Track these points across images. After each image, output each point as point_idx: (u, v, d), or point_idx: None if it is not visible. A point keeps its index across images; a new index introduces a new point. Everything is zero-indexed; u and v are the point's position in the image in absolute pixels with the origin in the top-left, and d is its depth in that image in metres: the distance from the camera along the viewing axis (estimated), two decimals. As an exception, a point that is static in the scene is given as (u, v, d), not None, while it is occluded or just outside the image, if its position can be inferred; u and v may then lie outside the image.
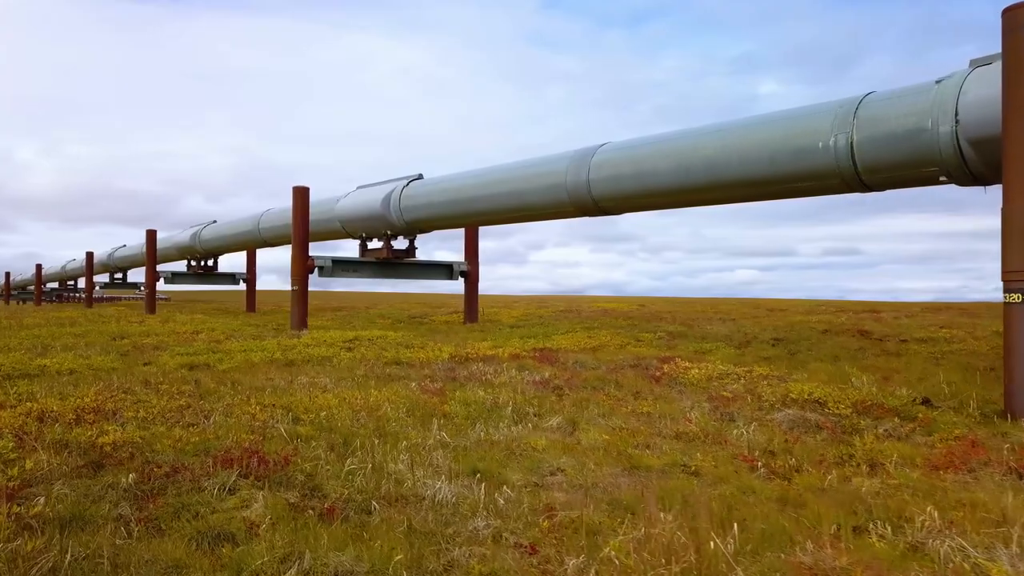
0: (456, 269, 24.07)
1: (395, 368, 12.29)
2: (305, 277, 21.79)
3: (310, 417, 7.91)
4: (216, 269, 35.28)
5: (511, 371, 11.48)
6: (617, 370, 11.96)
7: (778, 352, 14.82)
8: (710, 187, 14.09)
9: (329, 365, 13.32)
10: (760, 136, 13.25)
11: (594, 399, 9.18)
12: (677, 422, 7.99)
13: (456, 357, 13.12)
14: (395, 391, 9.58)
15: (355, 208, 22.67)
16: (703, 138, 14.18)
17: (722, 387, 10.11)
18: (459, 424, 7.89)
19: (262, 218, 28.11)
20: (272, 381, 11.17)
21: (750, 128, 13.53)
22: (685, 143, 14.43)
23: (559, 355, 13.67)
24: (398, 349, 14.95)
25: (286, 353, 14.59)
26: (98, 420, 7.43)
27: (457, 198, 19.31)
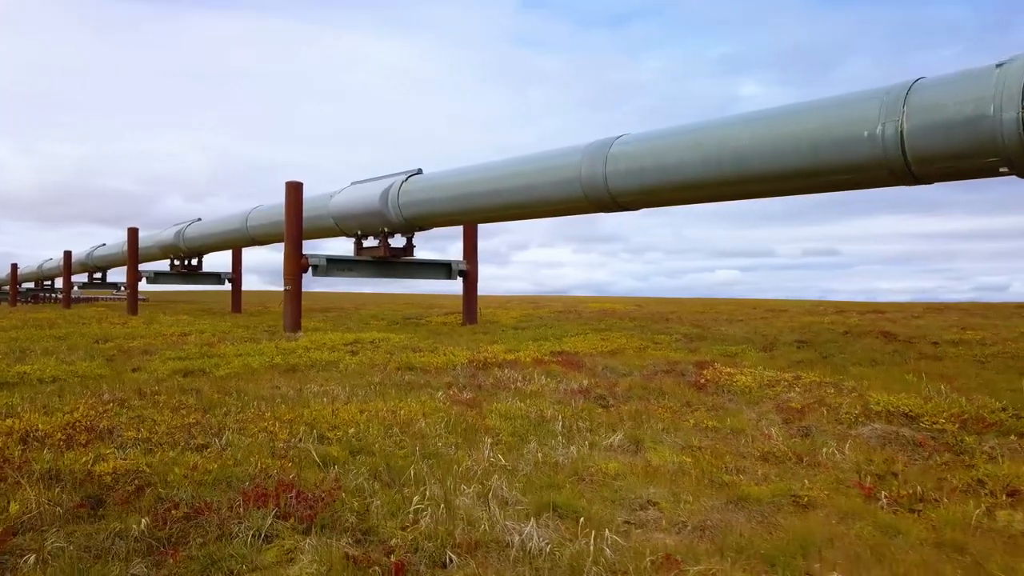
0: (455, 268, 22.99)
1: (410, 374, 11.23)
2: (299, 276, 20.63)
3: (337, 435, 6.84)
4: (200, 268, 33.93)
5: (540, 378, 10.46)
6: (653, 376, 10.98)
7: (809, 355, 13.91)
8: (740, 180, 13.13)
9: (336, 371, 12.22)
10: (797, 126, 12.32)
11: (647, 411, 8.18)
12: (754, 439, 7.00)
13: (474, 362, 12.07)
14: (422, 402, 8.52)
15: (351, 204, 21.54)
16: (733, 128, 13.22)
17: (778, 396, 9.15)
18: (508, 442, 6.86)
19: (250, 215, 26.86)
20: (279, 390, 10.07)
21: (786, 117, 12.59)
22: (713, 134, 13.47)
23: (582, 359, 12.66)
24: (406, 353, 13.87)
25: (286, 357, 13.47)
26: (92, 441, 6.32)
27: (461, 193, 18.23)
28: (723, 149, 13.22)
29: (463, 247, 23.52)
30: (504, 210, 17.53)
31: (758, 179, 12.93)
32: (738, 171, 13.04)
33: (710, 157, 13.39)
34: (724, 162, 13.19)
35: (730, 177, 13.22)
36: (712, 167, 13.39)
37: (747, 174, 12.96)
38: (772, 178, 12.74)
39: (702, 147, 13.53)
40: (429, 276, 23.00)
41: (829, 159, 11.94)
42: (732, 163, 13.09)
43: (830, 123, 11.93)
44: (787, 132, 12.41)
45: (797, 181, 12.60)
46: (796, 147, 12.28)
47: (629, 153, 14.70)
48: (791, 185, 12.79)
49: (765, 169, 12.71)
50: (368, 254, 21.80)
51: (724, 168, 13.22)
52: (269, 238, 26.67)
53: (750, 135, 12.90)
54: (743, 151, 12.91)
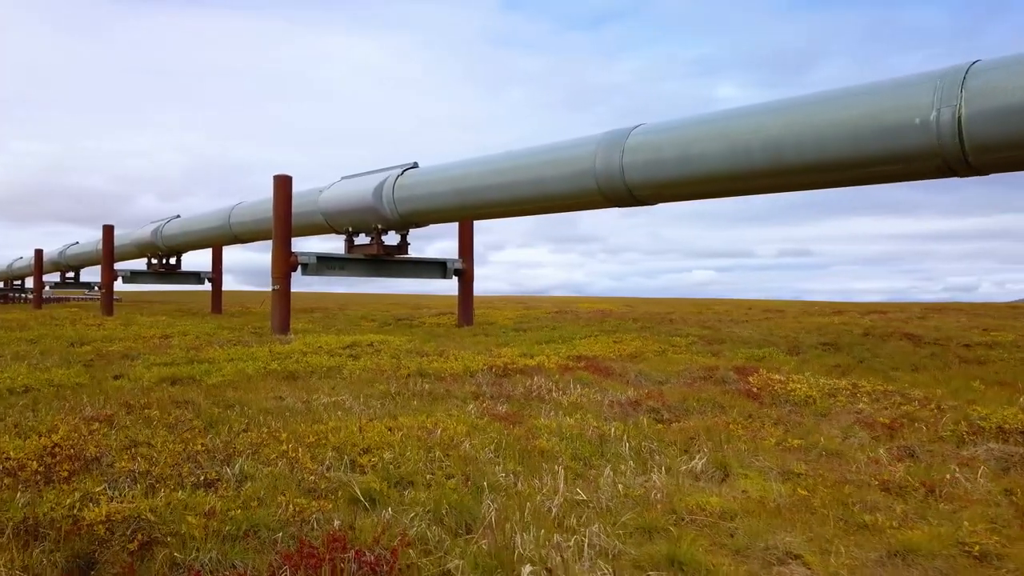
0: (450, 267, 21.81)
1: (426, 382, 10.07)
2: (288, 275, 19.35)
3: (371, 461, 5.69)
4: (179, 268, 32.38)
5: (575, 387, 9.35)
6: (693, 384, 9.93)
7: (843, 360, 12.94)
8: (773, 172, 12.11)
9: (340, 378, 11.04)
10: (838, 112, 11.32)
11: (714, 427, 7.10)
12: (860, 462, 5.95)
13: (493, 368, 10.94)
14: (453, 416, 7.38)
15: (342, 200, 20.28)
16: (765, 116, 12.20)
17: (847, 407, 8.12)
18: (571, 467, 5.75)
19: (233, 211, 25.45)
20: (284, 401, 8.88)
21: (825, 103, 11.58)
22: (742, 122, 12.44)
23: (609, 365, 11.58)
24: (414, 358, 12.70)
25: (283, 363, 12.25)
26: (77, 473, 5.11)
27: (462, 187, 17.05)
28: (754, 138, 12.20)
29: (458, 245, 22.34)
30: (510, 205, 16.39)
31: (793, 171, 11.92)
32: (770, 162, 12.03)
33: (739, 147, 12.36)
34: (754, 153, 12.17)
35: (761, 169, 12.19)
36: (741, 158, 12.36)
37: (781, 166, 11.94)
38: (809, 169, 11.73)
39: (730, 136, 12.49)
40: (423, 275, 21.81)
41: (874, 149, 10.96)
42: (764, 154, 12.07)
43: (876, 109, 10.94)
44: (827, 120, 11.41)
45: (836, 173, 11.61)
46: (837, 136, 11.29)
47: (649, 143, 13.63)
48: (830, 177, 11.80)
49: (801, 160, 11.69)
50: (360, 252, 20.55)
51: (754, 159, 12.20)
52: (254, 235, 25.31)
53: (784, 123, 11.89)
54: (777, 140, 11.89)
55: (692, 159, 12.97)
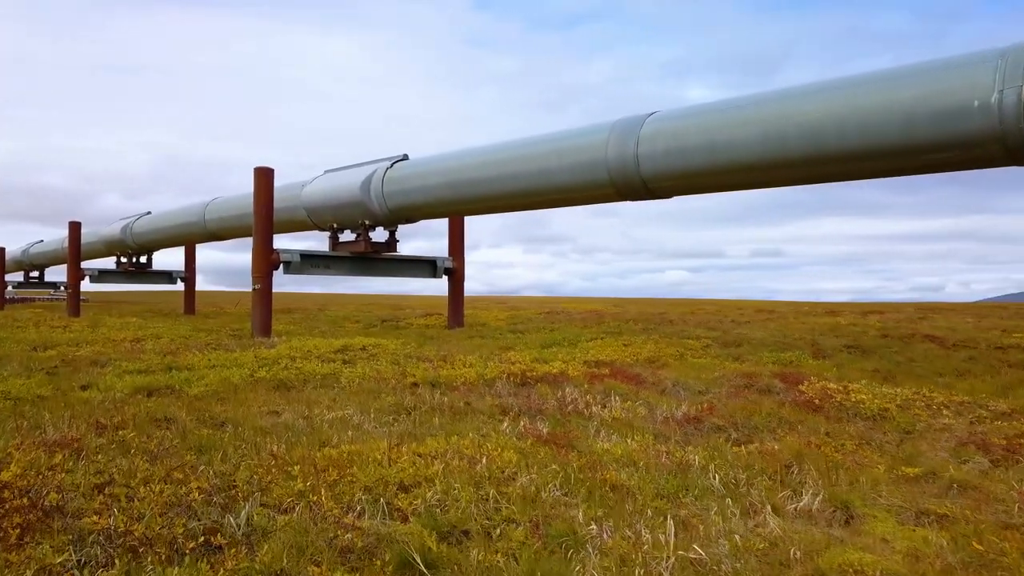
0: (440, 266, 20.54)
1: (438, 393, 8.84)
2: (269, 274, 17.96)
3: (412, 503, 4.46)
4: (150, 266, 30.69)
5: (612, 400, 8.18)
6: (739, 394, 8.81)
7: (878, 364, 11.92)
8: (810, 161, 11.03)
9: (338, 387, 9.77)
10: (886, 95, 10.27)
11: (806, 451, 5.96)
12: (1011, 499, 4.84)
13: (510, 376, 9.73)
14: (494, 441, 6.17)
15: (327, 194, 18.92)
16: (802, 100, 11.11)
17: (932, 422, 7.04)
18: (659, 507, 4.57)
19: (209, 207, 23.94)
20: (281, 418, 7.61)
21: (871, 85, 10.52)
22: (777, 106, 11.36)
23: (636, 373, 10.42)
24: (416, 364, 11.46)
25: (271, 370, 10.94)
26: (32, 531, 3.82)
27: (459, 180, 15.80)
28: (788, 124, 11.13)
29: (449, 242, 21.09)
30: (510, 199, 15.17)
31: (834, 159, 10.86)
32: (808, 150, 10.96)
33: (771, 134, 11.29)
34: (790, 140, 11.10)
35: (797, 157, 11.12)
36: (774, 146, 11.28)
37: (820, 153, 10.88)
38: (852, 157, 10.68)
39: (762, 122, 11.41)
40: (413, 274, 20.52)
41: (926, 134, 9.94)
42: (800, 141, 11.00)
43: (929, 91, 9.92)
44: (872, 103, 10.36)
45: (883, 161, 10.56)
46: (884, 121, 10.25)
47: (668, 131, 12.50)
48: (876, 166, 10.74)
49: (843, 147, 10.64)
50: (346, 249, 19.22)
51: (789, 147, 11.13)
52: (230, 232, 23.83)
53: (824, 108, 10.83)
54: (815, 126, 10.83)
55: (718, 147, 11.87)
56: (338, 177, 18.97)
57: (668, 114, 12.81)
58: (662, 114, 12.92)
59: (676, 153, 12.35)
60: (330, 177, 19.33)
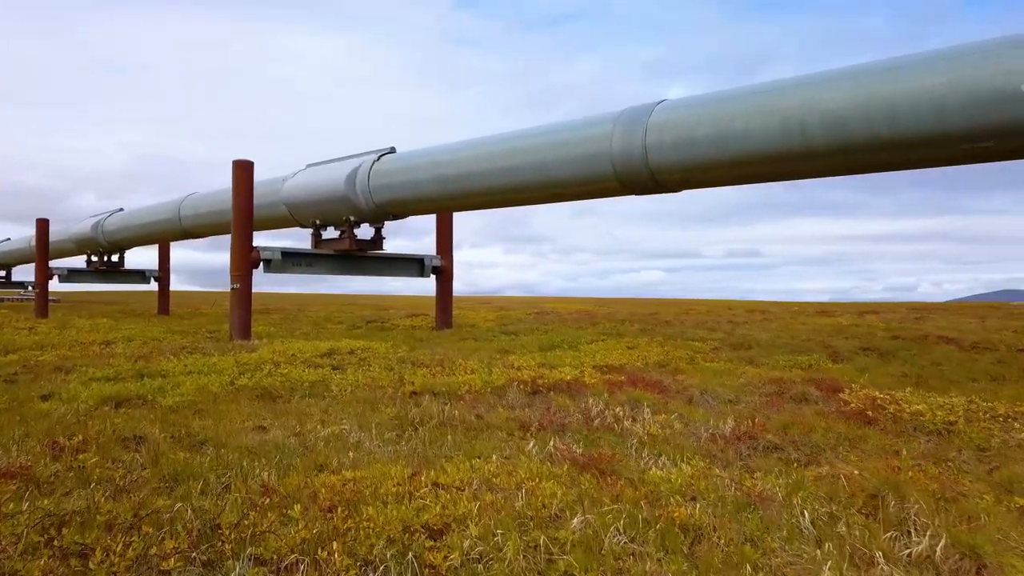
0: (428, 264, 19.55)
1: (440, 403, 7.90)
2: (249, 273, 16.89)
3: (448, 560, 3.52)
4: (122, 265, 29.36)
5: (641, 411, 7.28)
6: (773, 404, 7.96)
7: (904, 368, 11.15)
8: (833, 151, 10.21)
9: (330, 397, 8.80)
10: (917, 81, 9.47)
11: (889, 476, 5.09)
12: None
13: (519, 384, 8.81)
14: (524, 466, 5.24)
15: (310, 188, 17.87)
16: (826, 87, 10.28)
17: (1002, 438, 6.22)
18: (749, 556, 3.67)
19: (184, 203, 22.76)
20: (268, 435, 6.63)
21: (900, 71, 9.71)
22: (797, 94, 10.53)
23: (652, 378, 9.54)
24: (411, 369, 10.51)
25: (253, 376, 9.94)
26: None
27: (450, 174, 14.84)
28: (809, 112, 10.31)
29: (436, 240, 20.11)
30: (506, 193, 14.24)
31: (859, 149, 10.05)
32: (831, 140, 10.15)
33: (791, 122, 10.46)
34: (811, 129, 10.29)
35: (819, 147, 10.30)
36: (794, 135, 10.47)
37: (844, 144, 10.07)
38: (879, 147, 9.88)
39: (780, 111, 10.58)
40: (399, 273, 19.51)
41: (964, 122, 9.15)
42: (822, 130, 10.19)
43: (966, 76, 9.13)
44: (903, 90, 9.56)
45: (914, 151, 9.77)
46: (916, 108, 9.46)
47: (679, 120, 11.64)
48: (906, 156, 9.95)
49: (870, 137, 9.84)
50: (329, 247, 18.18)
51: (811, 136, 10.31)
52: (206, 230, 22.66)
53: (850, 95, 10.01)
54: (840, 114, 10.02)
55: (733, 138, 11.03)
56: (321, 171, 17.94)
57: (679, 102, 11.96)
58: (672, 103, 12.07)
59: (687, 144, 11.50)
60: (313, 171, 18.29)
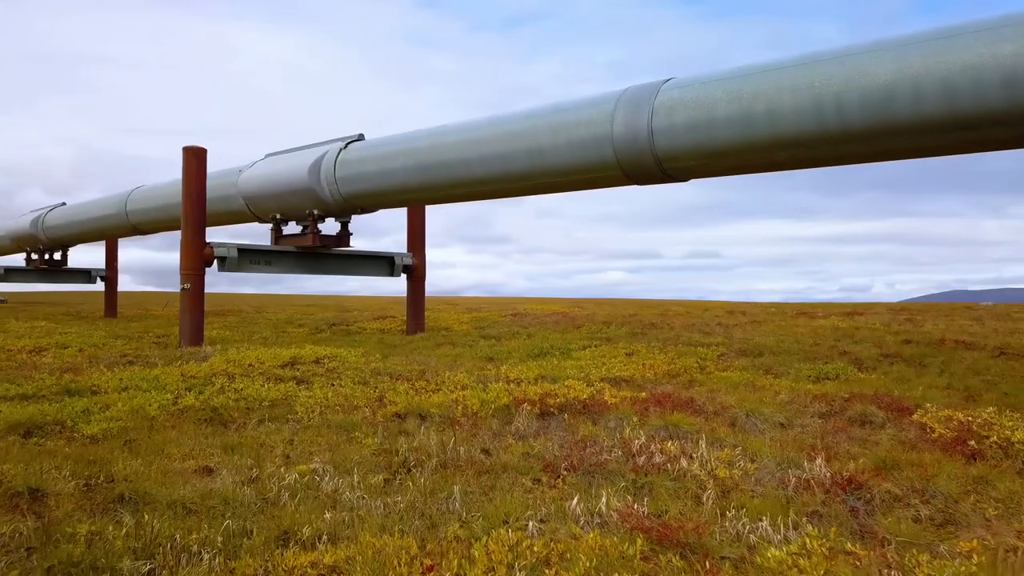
0: (399, 263, 17.88)
1: (433, 430, 6.31)
2: (201, 271, 15.06)
3: None
4: (65, 264, 27.09)
5: (689, 442, 5.77)
6: (834, 427, 6.51)
7: (938, 378, 9.83)
8: (876, 133, 8.83)
9: (294, 420, 7.15)
10: (979, 50, 8.13)
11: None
12: None
13: (523, 403, 7.24)
14: (587, 544, 3.68)
15: (269, 180, 16.09)
16: (867, 59, 8.88)
17: None
18: None
19: (131, 196, 20.74)
20: (215, 481, 4.99)
21: (957, 40, 8.36)
22: (832, 68, 9.13)
23: (676, 394, 8.04)
24: (390, 384, 8.89)
25: (202, 394, 8.24)
26: None
27: (431, 162, 13.19)
28: (847, 89, 8.91)
29: (407, 236, 18.45)
30: (493, 183, 12.64)
31: (907, 130, 8.67)
32: (872, 121, 8.76)
33: (826, 101, 9.06)
34: (849, 107, 8.88)
35: (858, 129, 8.91)
36: (829, 115, 9.07)
37: (889, 124, 8.68)
38: (933, 128, 8.51)
39: (814, 87, 9.17)
40: (367, 272, 17.81)
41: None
42: (864, 110, 8.79)
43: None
44: (961, 62, 8.21)
45: (975, 132, 8.42)
46: (977, 82, 8.12)
47: (691, 100, 10.18)
48: (966, 137, 8.59)
49: (919, 116, 8.46)
50: (291, 243, 16.42)
51: (849, 116, 8.91)
52: (155, 225, 20.67)
53: (896, 67, 8.62)
54: (886, 90, 8.64)
55: (756, 119, 9.60)
56: (282, 161, 16.17)
57: (691, 80, 10.49)
58: (683, 80, 10.61)
59: (702, 126, 10.04)
60: (273, 161, 16.51)
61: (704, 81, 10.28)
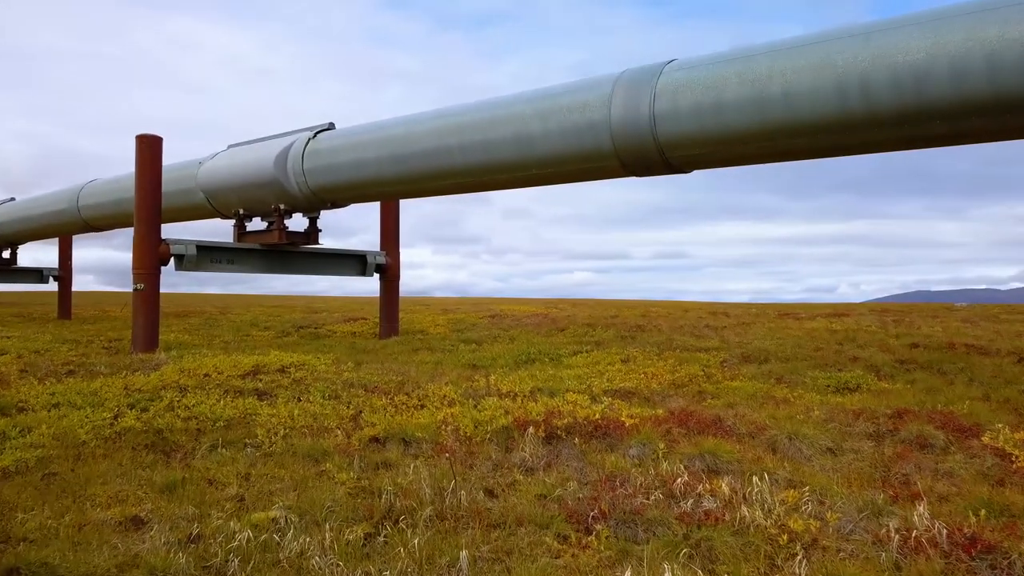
0: (371, 262, 16.65)
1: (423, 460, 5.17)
2: (156, 271, 13.70)
3: None
4: (15, 263, 25.37)
5: (741, 477, 4.70)
6: (895, 454, 5.48)
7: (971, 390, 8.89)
8: (909, 117, 7.84)
9: (252, 446, 5.97)
10: None
11: None
12: None
13: (525, 424, 6.11)
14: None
15: (232, 172, 14.78)
16: (898, 36, 7.90)
17: None
18: None
19: (83, 191, 19.25)
20: (144, 541, 3.80)
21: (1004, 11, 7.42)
22: (857, 46, 8.13)
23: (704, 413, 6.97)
24: (362, 398, 7.72)
25: (146, 411, 7.01)
26: None
27: (408, 152, 11.99)
28: (877, 68, 7.90)
29: (380, 234, 17.21)
30: (478, 175, 11.48)
31: (942, 114, 7.70)
32: (903, 104, 7.78)
33: (850, 82, 8.05)
34: (877, 87, 7.88)
35: (887, 113, 7.91)
36: (854, 98, 8.07)
37: (920, 108, 7.71)
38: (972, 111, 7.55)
39: (837, 66, 8.15)
40: (337, 271, 16.56)
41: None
42: (894, 91, 7.80)
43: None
44: (1009, 36, 7.27)
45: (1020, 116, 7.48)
46: None
47: (698, 82, 9.12)
48: (1011, 123, 7.63)
49: (958, 98, 7.50)
50: (255, 241, 15.12)
51: (877, 98, 7.91)
52: (109, 221, 19.21)
53: (932, 42, 7.65)
54: (919, 69, 7.64)
55: (771, 102, 8.58)
56: (246, 152, 14.87)
57: (697, 60, 9.43)
58: (688, 60, 9.55)
59: (710, 110, 8.99)
60: (236, 152, 15.20)
61: (712, 61, 9.22)
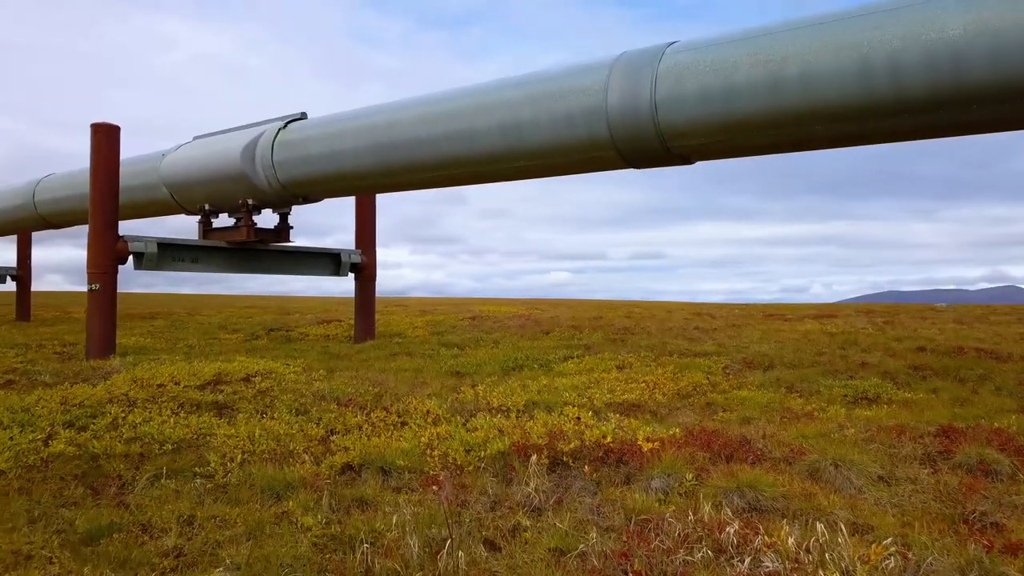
0: (345, 261, 15.66)
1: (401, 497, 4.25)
2: (112, 270, 12.63)
3: None
4: (-29, 262, 24.08)
5: (795, 520, 3.83)
6: (959, 484, 4.66)
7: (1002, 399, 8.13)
8: (941, 103, 7.04)
9: (202, 475, 5.01)
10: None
11: None
12: None
13: (525, 449, 5.21)
14: None
15: (197, 164, 13.71)
16: (931, 11, 7.13)
17: None
18: None
19: (40, 186, 18.04)
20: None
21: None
22: (884, 23, 7.33)
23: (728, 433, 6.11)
24: (333, 414, 6.78)
25: (84, 432, 6.02)
26: None
27: (388, 141, 11.03)
28: (904, 49, 7.10)
29: (356, 232, 16.22)
30: (460, 166, 10.55)
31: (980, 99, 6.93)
32: (938, 87, 6.98)
33: (876, 63, 7.24)
34: (907, 70, 7.08)
35: (917, 97, 7.11)
36: (879, 80, 7.25)
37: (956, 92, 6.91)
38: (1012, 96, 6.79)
39: (857, 47, 7.35)
40: (309, 271, 15.54)
41: None
42: (924, 73, 7.01)
43: None
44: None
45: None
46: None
47: (704, 64, 8.26)
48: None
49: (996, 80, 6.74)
50: (221, 238, 14.07)
51: (905, 81, 7.10)
52: (68, 217, 17.99)
53: (969, 19, 6.87)
54: (955, 48, 6.86)
55: (785, 85, 7.74)
56: (212, 143, 13.81)
57: (703, 41, 8.58)
58: (692, 42, 8.70)
59: (718, 95, 8.13)
60: (201, 144, 14.12)
61: (720, 42, 8.37)
